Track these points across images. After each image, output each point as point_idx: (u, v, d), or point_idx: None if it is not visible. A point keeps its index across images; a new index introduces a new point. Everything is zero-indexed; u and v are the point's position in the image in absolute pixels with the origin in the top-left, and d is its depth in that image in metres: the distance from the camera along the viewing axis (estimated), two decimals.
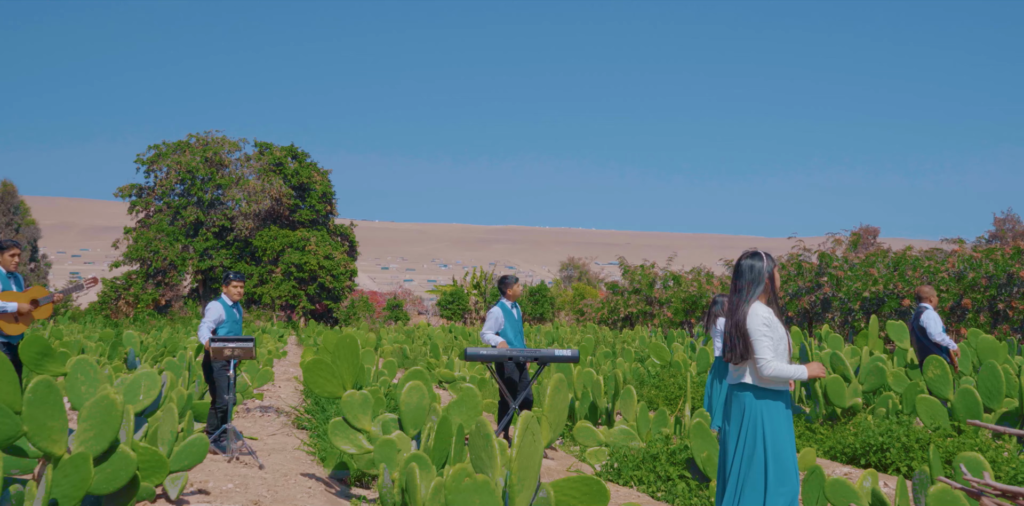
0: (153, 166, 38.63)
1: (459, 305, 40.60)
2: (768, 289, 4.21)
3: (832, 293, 21.44)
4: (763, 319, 4.10)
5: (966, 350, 9.69)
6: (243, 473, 6.24)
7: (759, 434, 4.11)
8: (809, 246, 23.50)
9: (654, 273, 30.82)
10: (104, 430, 4.32)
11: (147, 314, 35.40)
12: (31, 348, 5.40)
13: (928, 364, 7.77)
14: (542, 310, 39.14)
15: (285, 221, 40.04)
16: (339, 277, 38.55)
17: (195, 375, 9.28)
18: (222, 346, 6.80)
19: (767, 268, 4.21)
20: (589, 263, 58.93)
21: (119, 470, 4.35)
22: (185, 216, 37.98)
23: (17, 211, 43.41)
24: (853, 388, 8.42)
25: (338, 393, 6.15)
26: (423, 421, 5.82)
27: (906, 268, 20.26)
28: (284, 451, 7.49)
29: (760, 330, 4.08)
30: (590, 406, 8.91)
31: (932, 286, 9.05)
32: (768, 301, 4.23)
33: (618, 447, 6.99)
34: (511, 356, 7.42)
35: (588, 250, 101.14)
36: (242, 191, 38.24)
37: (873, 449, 7.02)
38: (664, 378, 11.02)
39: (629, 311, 30.29)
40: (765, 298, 4.22)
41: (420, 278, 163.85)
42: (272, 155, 39.59)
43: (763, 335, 4.07)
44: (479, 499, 3.29)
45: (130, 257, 37.47)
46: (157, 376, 5.33)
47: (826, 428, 8.04)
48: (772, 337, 4.08)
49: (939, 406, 7.05)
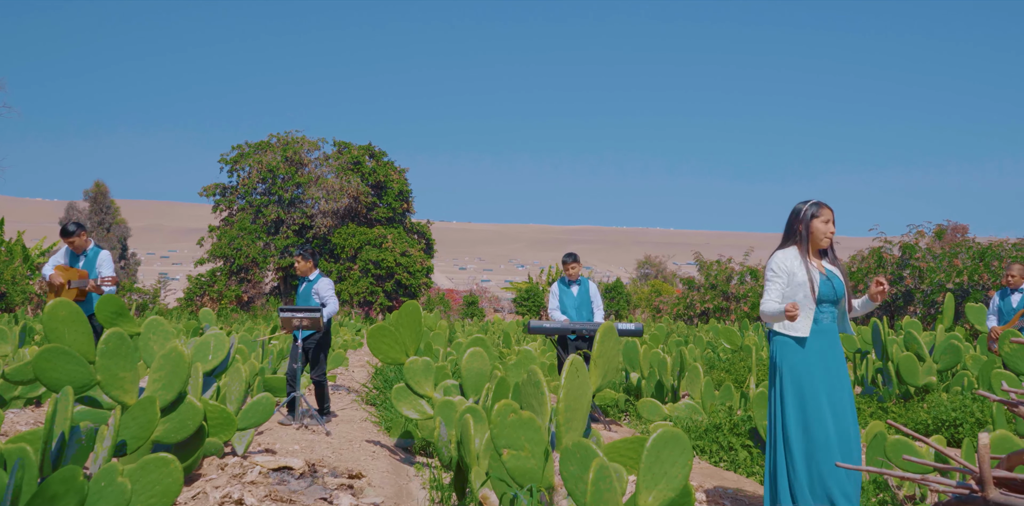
0: (236, 166, 39.60)
1: (535, 301, 40.64)
2: (800, 235, 4.29)
3: (915, 285, 20.87)
4: (775, 264, 4.27)
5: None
6: (310, 438, 6.40)
7: (776, 377, 4.17)
8: (891, 240, 22.91)
9: (731, 268, 30.45)
10: (173, 381, 4.48)
11: (230, 310, 36.34)
12: (107, 307, 5.63)
13: (1004, 338, 7.54)
14: (618, 307, 38.95)
15: (363, 219, 40.62)
16: (416, 274, 38.97)
17: (268, 352, 9.53)
18: (290, 316, 6.97)
19: (801, 216, 4.30)
20: (666, 262, 58.45)
21: (186, 420, 4.51)
22: (266, 214, 38.84)
23: (109, 211, 45.01)
24: (927, 367, 8.21)
25: (400, 359, 6.25)
26: (484, 386, 5.88)
27: (992, 259, 19.60)
28: (352, 422, 7.64)
29: (767, 274, 4.30)
30: (656, 384, 8.87)
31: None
32: (801, 248, 4.31)
33: (681, 420, 6.95)
34: (574, 329, 7.44)
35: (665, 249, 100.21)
36: (321, 189, 38.94)
37: (946, 424, 6.84)
38: (734, 362, 10.90)
39: (705, 306, 29.98)
40: (800, 245, 4.26)
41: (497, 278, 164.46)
42: (350, 154, 40.23)
43: (768, 279, 4.28)
44: (524, 435, 3.32)
45: (214, 255, 38.47)
46: (225, 337, 5.50)
47: (899, 406, 7.86)
48: (780, 281, 4.23)
49: (1015, 380, 6.83)
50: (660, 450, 2.72)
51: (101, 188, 44.97)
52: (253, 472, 4.67)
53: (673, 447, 2.72)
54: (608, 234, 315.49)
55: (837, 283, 4.28)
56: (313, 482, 4.71)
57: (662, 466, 2.71)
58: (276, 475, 4.74)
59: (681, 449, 2.72)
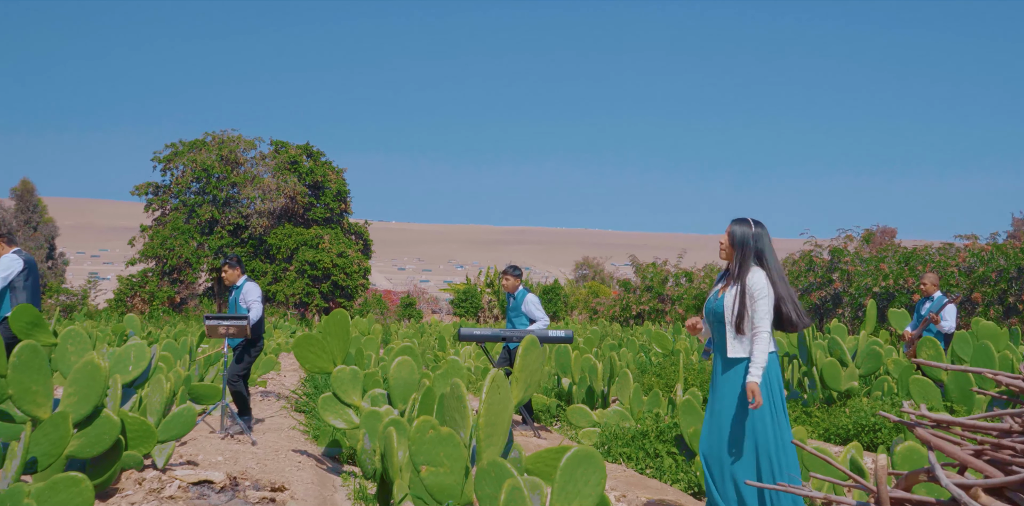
0: (169, 164, 38.85)
1: (472, 303, 40.67)
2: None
3: (843, 288, 21.34)
4: None
5: (967, 337, 9.64)
6: (235, 448, 6.30)
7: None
8: (821, 243, 23.39)
9: (666, 271, 30.79)
10: (88, 394, 4.37)
11: (162, 311, 35.65)
12: (21, 318, 5.48)
13: (922, 346, 7.75)
14: (555, 308, 39.13)
15: (299, 219, 40.17)
16: (353, 275, 38.66)
17: (195, 359, 9.37)
18: (216, 324, 6.86)
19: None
20: (604, 263, 58.84)
21: (102, 434, 4.40)
22: (200, 214, 38.17)
23: (36, 209, 43.84)
24: (850, 372, 8.40)
25: (328, 368, 6.20)
26: (411, 396, 5.86)
27: (916, 263, 20.16)
28: (279, 431, 7.55)
29: None
30: (587, 390, 8.93)
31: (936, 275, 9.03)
32: None
33: (609, 426, 7.01)
34: (503, 337, 7.45)
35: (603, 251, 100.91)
36: (257, 189, 38.40)
37: (865, 429, 7.01)
38: (666, 366, 11.02)
39: (641, 308, 30.26)
40: None
41: (436, 279, 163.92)
42: (287, 153, 39.74)
43: None
44: (443, 451, 3.32)
45: (145, 255, 37.71)
46: (146, 348, 5.39)
47: (822, 411, 8.03)
48: None
49: (932, 386, 7.02)
50: (574, 469, 2.74)
51: (27, 186, 43.78)
52: (172, 487, 4.59)
53: (587, 466, 2.74)
54: (548, 235, 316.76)
55: (717, 304, 4.27)
56: (234, 496, 4.65)
57: (576, 485, 2.73)
58: (196, 489, 4.66)
59: (594, 468, 2.74)
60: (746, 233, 4.23)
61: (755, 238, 4.22)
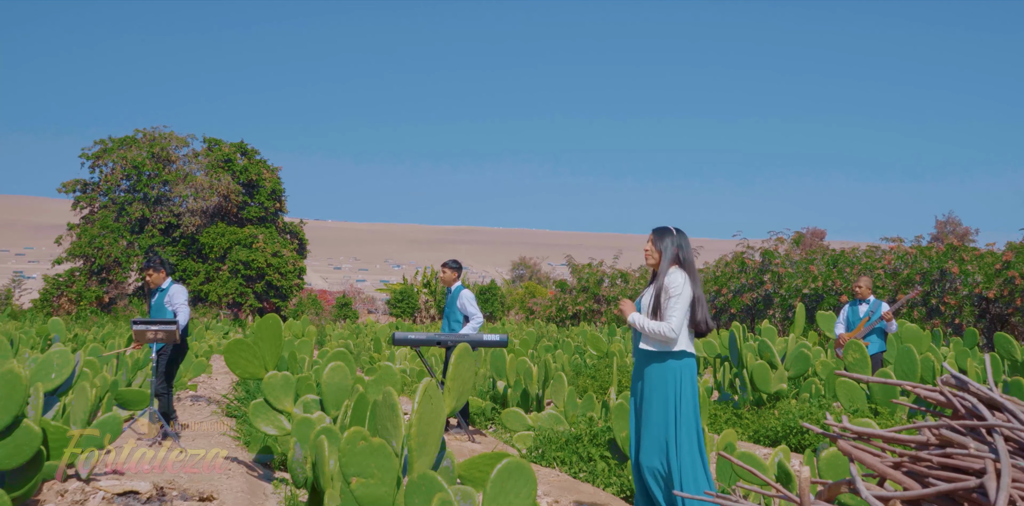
0: (98, 161, 37.92)
1: (409, 303, 40.53)
2: None
3: (774, 290, 21.76)
4: None
5: (892, 340, 9.90)
6: (162, 456, 6.18)
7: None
8: (753, 245, 23.83)
9: (602, 271, 31.04)
10: (8, 404, 4.26)
11: (90, 312, 34.79)
12: None
13: (848, 348, 7.94)
14: (491, 308, 39.17)
15: (233, 218, 39.56)
16: (287, 275, 38.20)
17: (124, 363, 9.16)
18: (144, 329, 6.72)
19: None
20: (541, 263, 59.09)
21: (22, 445, 4.29)
22: (130, 212, 37.33)
23: None
24: (779, 374, 8.57)
25: (260, 374, 6.11)
26: (344, 402, 5.81)
27: (844, 265, 20.65)
28: (210, 437, 7.43)
29: None
30: (522, 393, 8.96)
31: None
32: None
33: (543, 430, 7.04)
34: (438, 341, 7.43)
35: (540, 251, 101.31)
36: (189, 187, 37.71)
37: (794, 432, 7.15)
38: (600, 368, 11.11)
39: (577, 309, 30.47)
40: None
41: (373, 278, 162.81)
42: (221, 151, 39.10)
43: None
44: (374, 463, 3.30)
45: (73, 254, 36.75)
46: (70, 355, 5.26)
47: (752, 413, 8.17)
48: None
49: (857, 389, 7.20)
50: (504, 481, 2.74)
51: None
52: (96, 498, 4.49)
53: (517, 478, 2.75)
54: (486, 234, 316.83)
55: (637, 303, 4.61)
56: None
57: (506, 497, 2.73)
58: (121, 500, 4.57)
59: (525, 480, 2.75)
60: (668, 239, 4.58)
61: (676, 243, 4.57)
